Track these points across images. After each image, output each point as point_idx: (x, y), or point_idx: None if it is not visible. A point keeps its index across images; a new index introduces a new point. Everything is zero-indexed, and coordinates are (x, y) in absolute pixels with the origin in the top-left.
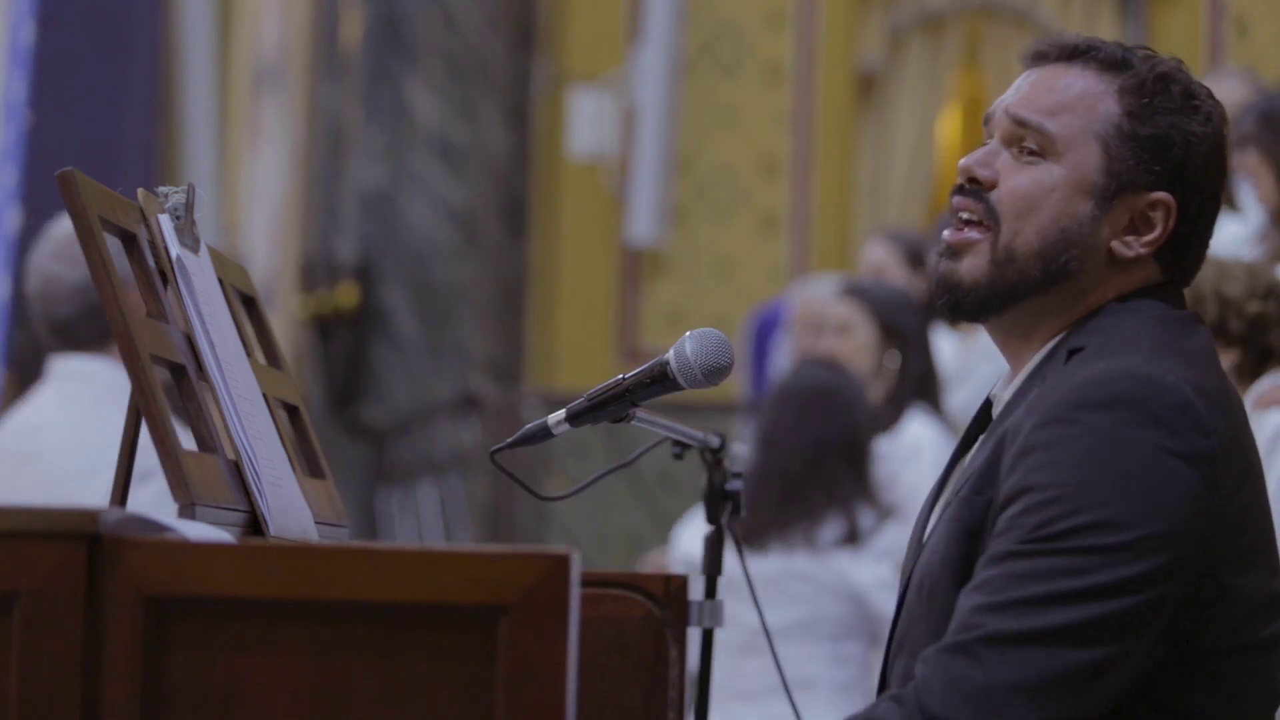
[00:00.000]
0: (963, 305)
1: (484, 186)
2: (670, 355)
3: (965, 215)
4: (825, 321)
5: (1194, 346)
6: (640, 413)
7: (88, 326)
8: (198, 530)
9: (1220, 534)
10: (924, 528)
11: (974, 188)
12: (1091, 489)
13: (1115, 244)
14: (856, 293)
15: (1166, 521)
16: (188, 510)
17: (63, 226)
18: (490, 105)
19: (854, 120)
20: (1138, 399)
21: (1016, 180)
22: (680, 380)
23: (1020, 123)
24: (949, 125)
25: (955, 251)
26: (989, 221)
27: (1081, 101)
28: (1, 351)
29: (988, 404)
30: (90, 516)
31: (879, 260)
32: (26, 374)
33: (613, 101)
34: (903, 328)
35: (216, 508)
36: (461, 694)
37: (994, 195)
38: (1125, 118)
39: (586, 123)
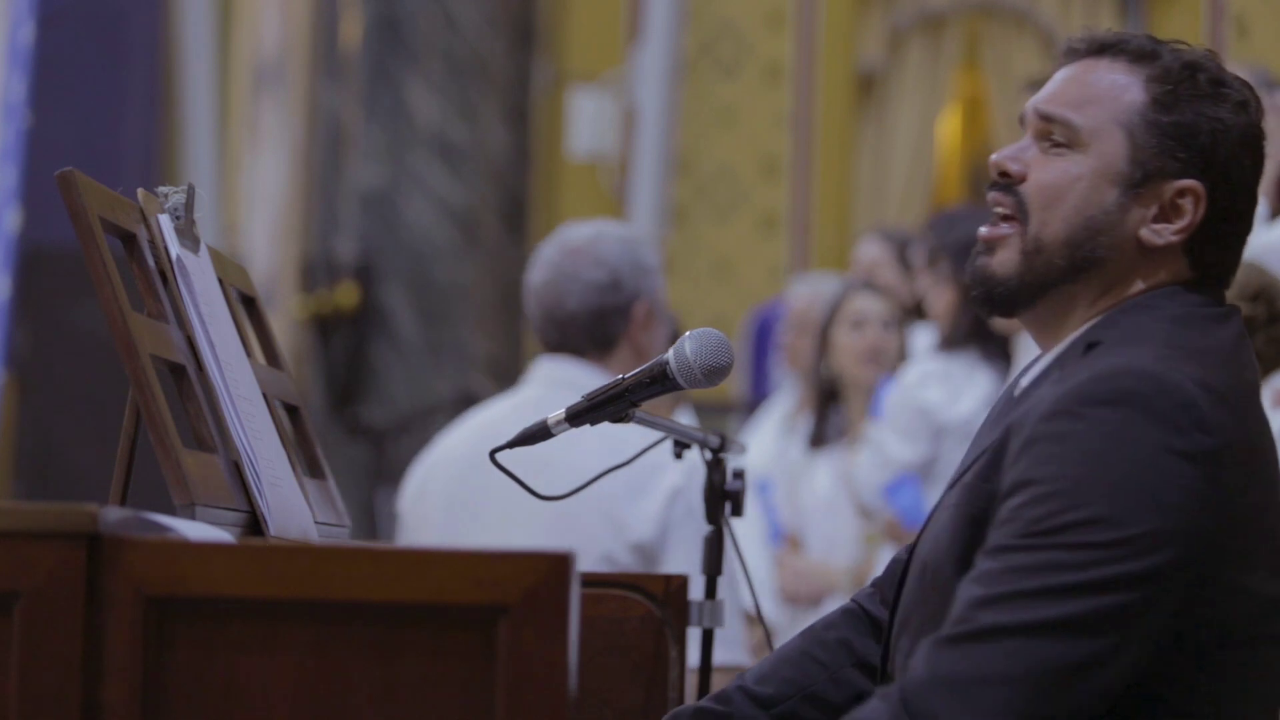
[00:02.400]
0: (994, 297)
1: (484, 186)
2: (670, 355)
3: (999, 210)
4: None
5: (1211, 344)
6: (640, 412)
7: (594, 329)
8: (198, 530)
9: (1226, 532)
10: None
11: (1005, 181)
12: (1091, 485)
13: (1144, 232)
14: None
15: (1165, 520)
16: (188, 510)
17: (579, 232)
18: (490, 105)
19: (854, 120)
20: (1141, 396)
21: (1044, 172)
22: (680, 380)
23: (1047, 117)
24: (949, 125)
25: (989, 246)
26: (1019, 215)
27: (1107, 92)
28: (2, 351)
29: (1012, 388)
30: (90, 516)
31: (872, 259)
32: (26, 374)
33: (613, 101)
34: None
35: (216, 508)
36: (461, 694)
37: (1023, 188)
38: (1151, 105)
39: (586, 123)
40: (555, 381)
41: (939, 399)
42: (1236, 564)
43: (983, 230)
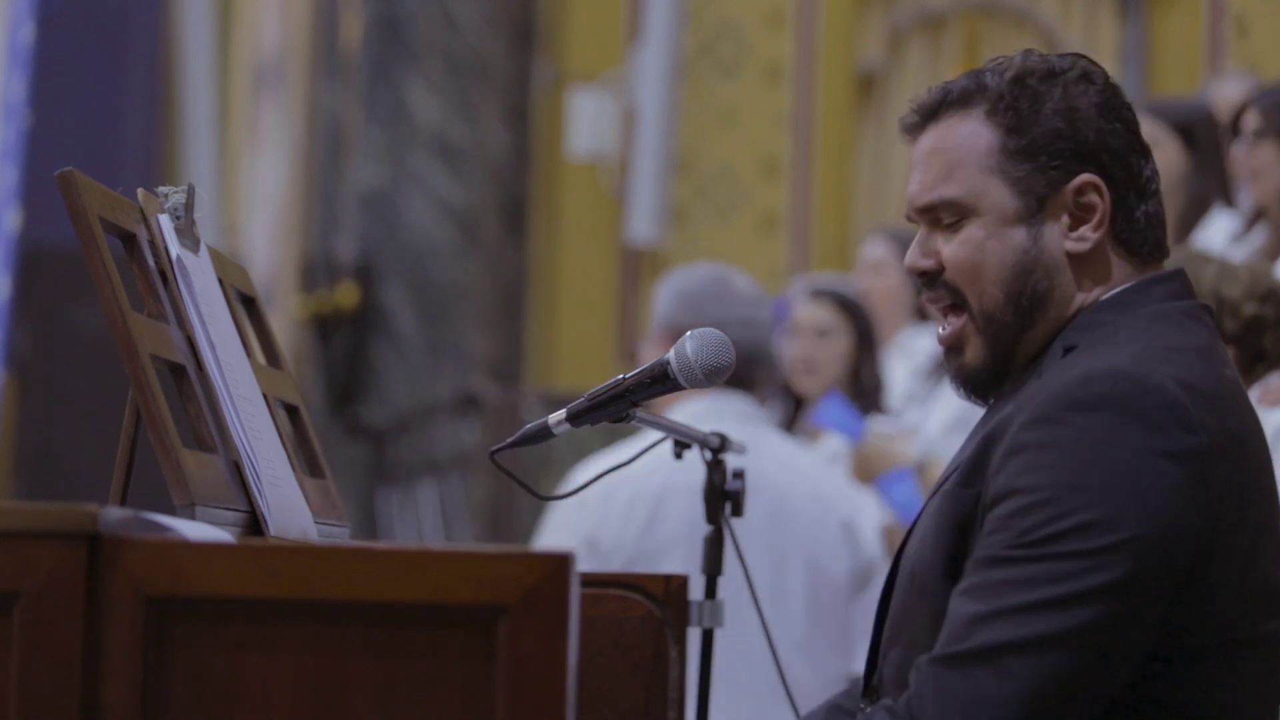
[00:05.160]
0: (983, 385)
1: (484, 186)
2: (671, 355)
3: (937, 305)
4: (797, 325)
5: (1189, 343)
6: (640, 412)
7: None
8: (198, 530)
9: (1214, 530)
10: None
11: (928, 279)
12: (1078, 491)
13: (1069, 244)
14: (828, 294)
15: (1154, 521)
16: (188, 510)
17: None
18: (490, 105)
19: (854, 120)
20: (1123, 398)
21: (952, 252)
22: (680, 380)
23: (926, 209)
24: None
25: (954, 348)
26: (957, 301)
27: (962, 150)
28: (2, 352)
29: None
30: (90, 516)
31: (878, 258)
32: (26, 374)
33: (613, 101)
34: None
35: (216, 508)
36: (461, 694)
37: (946, 277)
38: (1004, 137)
39: (586, 123)
40: (734, 415)
41: None
42: (1228, 561)
43: (939, 335)
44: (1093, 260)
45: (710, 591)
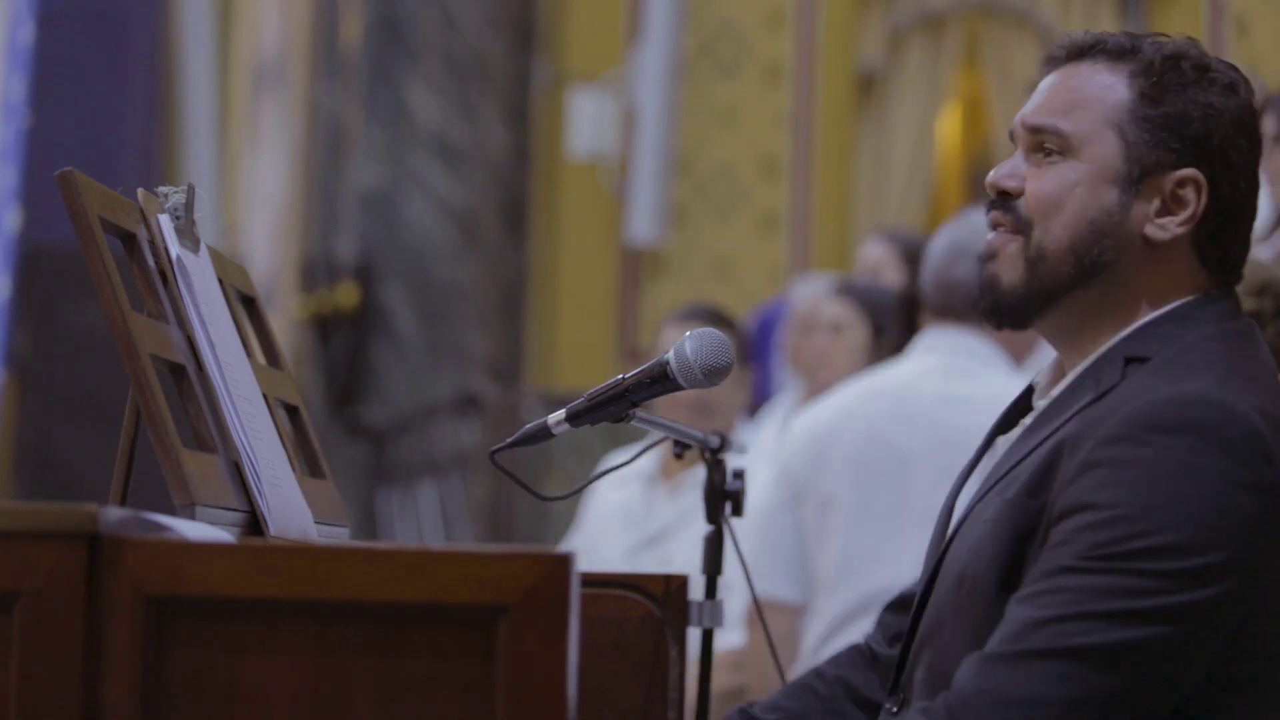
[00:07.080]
0: (1003, 307)
1: (484, 186)
2: (670, 355)
3: (1001, 229)
4: (818, 320)
5: (1259, 367)
6: (640, 412)
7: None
8: (198, 530)
9: (1274, 564)
10: (950, 510)
11: (1002, 200)
12: (1158, 512)
13: (1149, 228)
14: (850, 292)
15: (1230, 551)
16: (188, 510)
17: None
18: (490, 105)
19: (854, 120)
20: (1209, 425)
21: (1039, 183)
22: (680, 380)
23: (1035, 129)
24: (949, 125)
25: (993, 254)
26: (1020, 228)
27: (1092, 94)
28: (2, 351)
29: (1029, 390)
30: (90, 516)
31: (876, 259)
32: (26, 374)
33: (613, 101)
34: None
35: (216, 508)
36: (461, 694)
37: (1021, 202)
38: (1138, 100)
39: (586, 123)
40: (950, 348)
41: None
42: (1277, 595)
43: (989, 237)
44: (1167, 256)
45: (710, 591)
